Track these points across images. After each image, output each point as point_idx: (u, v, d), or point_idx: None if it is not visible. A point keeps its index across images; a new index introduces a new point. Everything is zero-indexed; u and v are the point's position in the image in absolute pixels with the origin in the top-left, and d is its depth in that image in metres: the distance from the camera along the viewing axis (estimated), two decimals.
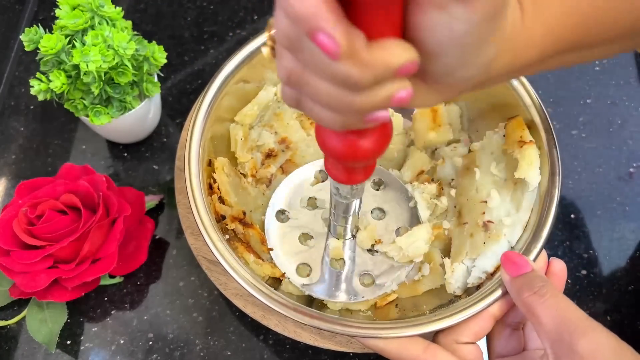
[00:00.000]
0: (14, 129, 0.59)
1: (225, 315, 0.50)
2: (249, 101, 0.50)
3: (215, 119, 0.46)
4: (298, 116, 0.51)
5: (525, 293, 0.36)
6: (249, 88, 0.49)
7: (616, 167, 0.58)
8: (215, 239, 0.40)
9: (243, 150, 0.49)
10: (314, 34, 0.20)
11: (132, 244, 0.50)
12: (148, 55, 0.49)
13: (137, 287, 0.51)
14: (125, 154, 0.58)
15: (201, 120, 0.45)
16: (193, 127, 0.44)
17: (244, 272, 0.40)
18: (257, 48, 0.47)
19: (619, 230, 0.55)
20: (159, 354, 0.49)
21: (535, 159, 0.43)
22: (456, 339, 0.39)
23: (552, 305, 0.35)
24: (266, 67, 0.49)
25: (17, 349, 0.49)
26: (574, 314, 0.34)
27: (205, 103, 0.45)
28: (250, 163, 0.50)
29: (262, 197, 0.50)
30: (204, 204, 0.42)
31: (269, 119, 0.51)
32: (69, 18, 0.46)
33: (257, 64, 0.48)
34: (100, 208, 0.47)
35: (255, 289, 0.39)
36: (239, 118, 0.49)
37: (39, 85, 0.46)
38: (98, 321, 0.50)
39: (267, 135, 0.50)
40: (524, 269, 0.38)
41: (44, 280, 0.45)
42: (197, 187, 0.42)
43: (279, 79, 0.25)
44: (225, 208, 0.46)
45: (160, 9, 0.66)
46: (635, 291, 0.52)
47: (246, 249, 0.46)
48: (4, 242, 0.46)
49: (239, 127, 0.49)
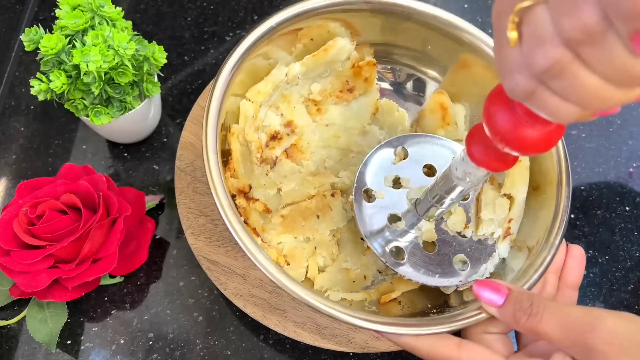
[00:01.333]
0: (14, 129, 0.59)
1: (226, 315, 0.50)
2: (258, 78, 0.48)
3: (229, 94, 0.44)
4: (305, 100, 0.50)
5: (522, 319, 0.35)
6: (260, 64, 0.48)
7: (616, 166, 0.58)
8: (233, 220, 0.38)
9: (251, 128, 0.48)
10: (637, 34, 0.19)
11: (132, 243, 0.50)
12: (148, 56, 0.49)
13: (137, 287, 0.51)
14: (125, 154, 0.58)
15: (219, 95, 0.42)
16: (210, 103, 0.42)
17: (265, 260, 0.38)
18: (280, 22, 0.45)
19: (619, 231, 0.55)
20: (159, 353, 0.49)
21: (522, 175, 0.44)
22: (485, 329, 0.39)
23: (550, 319, 0.34)
24: (280, 48, 0.48)
25: (18, 348, 0.49)
26: (574, 314, 0.34)
27: (222, 78, 0.43)
28: (257, 142, 0.48)
29: (265, 177, 0.48)
30: (221, 182, 0.40)
31: (276, 99, 0.49)
32: (69, 18, 0.46)
33: (273, 42, 0.47)
34: (101, 208, 0.47)
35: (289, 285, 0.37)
36: (251, 95, 0.47)
37: (39, 85, 0.46)
38: (98, 321, 0.50)
39: (272, 116, 0.49)
40: (504, 291, 0.37)
41: (44, 280, 0.45)
42: (215, 164, 0.40)
43: (523, 66, 0.23)
44: (232, 180, 0.45)
45: (160, 9, 0.67)
46: (635, 291, 0.52)
47: (252, 231, 0.45)
48: (5, 242, 0.46)
49: (250, 104, 0.47)
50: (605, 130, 0.60)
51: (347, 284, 0.47)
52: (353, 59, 0.50)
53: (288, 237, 0.47)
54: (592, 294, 0.52)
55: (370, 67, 0.50)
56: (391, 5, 0.48)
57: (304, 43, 0.49)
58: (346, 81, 0.51)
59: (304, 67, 0.49)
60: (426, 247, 0.45)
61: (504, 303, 0.36)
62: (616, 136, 0.59)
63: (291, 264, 0.46)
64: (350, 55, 0.50)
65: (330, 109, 0.51)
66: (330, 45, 0.48)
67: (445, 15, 0.48)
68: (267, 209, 0.47)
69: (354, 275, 0.48)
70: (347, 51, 0.49)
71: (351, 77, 0.51)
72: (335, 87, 0.51)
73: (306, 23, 0.47)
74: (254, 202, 0.46)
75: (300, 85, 0.50)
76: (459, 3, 0.67)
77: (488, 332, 0.39)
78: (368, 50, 0.51)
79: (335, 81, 0.51)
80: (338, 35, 0.49)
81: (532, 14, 0.22)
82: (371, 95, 0.52)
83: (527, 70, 0.24)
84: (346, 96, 0.51)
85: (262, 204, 0.47)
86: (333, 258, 0.48)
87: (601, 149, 0.59)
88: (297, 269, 0.46)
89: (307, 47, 0.49)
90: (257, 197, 0.47)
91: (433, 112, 0.50)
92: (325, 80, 0.51)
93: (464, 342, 0.37)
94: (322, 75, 0.51)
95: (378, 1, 0.47)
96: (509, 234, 0.46)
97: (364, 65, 0.50)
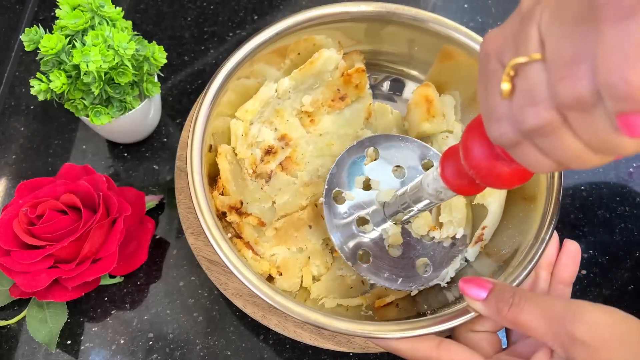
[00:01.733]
0: (14, 129, 0.59)
1: (226, 315, 0.50)
2: (248, 97, 0.50)
3: (216, 114, 0.46)
4: (298, 113, 0.51)
5: (504, 310, 0.35)
6: (249, 84, 0.49)
7: (616, 166, 0.58)
8: (218, 238, 0.40)
9: (243, 146, 0.49)
10: (628, 115, 0.20)
11: (132, 243, 0.50)
12: (148, 55, 0.49)
13: (137, 287, 0.51)
14: (125, 154, 0.58)
15: (203, 118, 0.44)
16: (195, 125, 0.44)
17: (249, 273, 0.39)
18: (260, 44, 0.46)
19: (619, 230, 0.55)
20: (159, 353, 0.49)
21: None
22: (472, 327, 0.39)
23: (531, 309, 0.34)
24: (269, 64, 0.49)
25: (18, 348, 0.49)
26: (556, 305, 0.33)
27: (206, 101, 0.45)
28: (250, 159, 0.49)
29: (260, 191, 0.49)
30: (206, 202, 0.41)
31: (269, 115, 0.51)
32: (69, 18, 0.46)
33: (259, 61, 0.48)
34: (101, 208, 0.47)
35: (267, 295, 0.39)
36: (239, 114, 0.49)
37: (39, 85, 0.46)
38: (98, 321, 0.50)
39: (266, 132, 0.50)
40: (487, 285, 0.37)
41: (44, 280, 0.45)
42: (200, 185, 0.42)
43: (511, 119, 0.24)
44: (223, 198, 0.45)
45: (160, 9, 0.67)
46: (635, 291, 0.52)
47: (245, 244, 0.45)
48: (5, 242, 0.46)
49: (240, 123, 0.49)
50: None
51: (344, 291, 0.48)
52: (342, 67, 0.51)
53: (281, 248, 0.48)
54: (592, 294, 0.52)
55: (360, 73, 0.51)
56: (371, 13, 0.49)
57: (291, 58, 0.50)
58: (337, 90, 0.51)
59: (293, 81, 0.50)
60: (392, 250, 0.46)
61: (487, 296, 0.36)
62: None
63: (284, 274, 0.46)
64: (338, 64, 0.51)
65: (323, 118, 0.52)
66: (315, 58, 0.49)
67: (424, 14, 0.49)
68: (262, 222, 0.48)
69: (350, 282, 0.48)
70: (334, 61, 0.50)
71: (342, 86, 0.51)
72: (327, 97, 0.51)
73: (288, 40, 0.48)
74: (247, 217, 0.47)
75: (292, 99, 0.51)
76: (459, 3, 0.67)
77: (474, 330, 0.39)
78: (358, 57, 0.52)
79: (327, 91, 0.51)
80: (324, 47, 0.50)
81: (528, 71, 0.23)
82: (364, 101, 0.52)
83: (515, 124, 0.24)
84: (338, 104, 0.52)
85: (256, 217, 0.47)
86: (327, 266, 0.48)
87: None
88: (290, 279, 0.47)
89: (295, 61, 0.50)
90: (251, 212, 0.48)
91: (418, 105, 0.51)
92: (316, 91, 0.51)
93: (444, 342, 0.38)
94: (313, 87, 0.51)
95: (358, 10, 0.48)
96: (481, 240, 0.47)
97: (353, 72, 0.51)
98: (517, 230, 0.45)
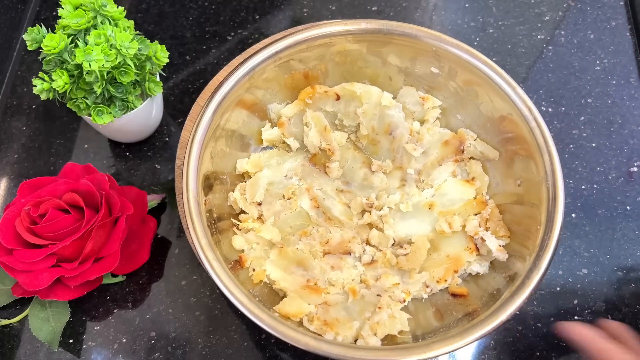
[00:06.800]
0: (16, 128, 0.59)
1: (227, 314, 0.50)
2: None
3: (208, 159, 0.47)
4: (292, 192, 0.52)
5: None
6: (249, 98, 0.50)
7: (617, 166, 0.58)
8: (220, 272, 0.40)
9: (246, 205, 0.50)
10: None
11: (134, 243, 0.50)
12: (150, 55, 0.49)
13: (139, 286, 0.52)
14: (127, 153, 0.58)
15: (196, 150, 0.45)
16: (191, 148, 0.45)
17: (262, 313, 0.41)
18: (264, 60, 0.47)
19: (620, 230, 0.55)
20: (161, 352, 0.49)
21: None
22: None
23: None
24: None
25: (20, 347, 0.49)
26: None
27: (199, 134, 0.46)
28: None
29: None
30: (206, 238, 0.42)
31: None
32: (72, 17, 0.46)
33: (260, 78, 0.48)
34: (103, 207, 0.47)
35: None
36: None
37: (42, 84, 0.46)
38: (100, 320, 0.50)
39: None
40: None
41: (46, 279, 0.46)
42: (195, 210, 0.42)
43: None
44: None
45: (162, 8, 0.67)
46: (635, 291, 0.52)
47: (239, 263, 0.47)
48: (7, 241, 0.46)
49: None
50: (606, 129, 0.60)
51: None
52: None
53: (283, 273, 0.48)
54: (593, 294, 0.52)
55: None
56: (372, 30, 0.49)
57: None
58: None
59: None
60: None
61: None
62: (617, 135, 0.59)
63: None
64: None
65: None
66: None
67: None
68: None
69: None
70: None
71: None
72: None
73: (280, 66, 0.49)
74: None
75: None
76: (460, 3, 0.67)
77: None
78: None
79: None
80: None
81: None
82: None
83: None
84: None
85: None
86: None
87: (602, 148, 0.59)
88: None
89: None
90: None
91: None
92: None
93: None
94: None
95: (358, 29, 0.48)
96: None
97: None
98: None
